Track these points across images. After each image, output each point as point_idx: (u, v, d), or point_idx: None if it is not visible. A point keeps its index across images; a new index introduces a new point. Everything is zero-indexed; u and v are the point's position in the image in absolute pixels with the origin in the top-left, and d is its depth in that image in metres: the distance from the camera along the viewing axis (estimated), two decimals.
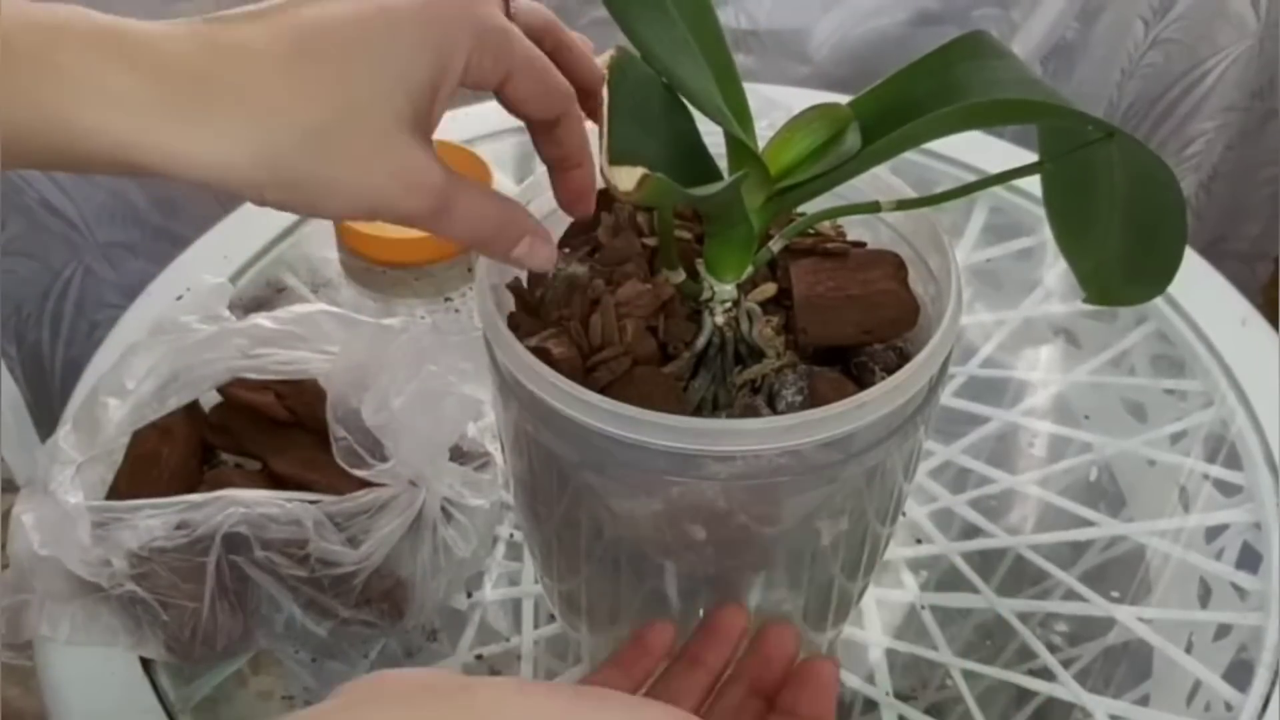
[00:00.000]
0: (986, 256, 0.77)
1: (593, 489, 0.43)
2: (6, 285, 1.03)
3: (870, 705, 0.54)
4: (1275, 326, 0.70)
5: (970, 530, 0.62)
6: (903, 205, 0.44)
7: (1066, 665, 0.55)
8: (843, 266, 0.44)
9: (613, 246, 0.46)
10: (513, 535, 0.60)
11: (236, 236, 0.75)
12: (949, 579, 0.60)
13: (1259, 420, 0.64)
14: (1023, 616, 0.57)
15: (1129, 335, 0.71)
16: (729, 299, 0.43)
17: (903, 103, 0.40)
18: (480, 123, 0.80)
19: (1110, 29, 1.07)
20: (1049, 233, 0.44)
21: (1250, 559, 0.59)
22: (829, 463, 0.40)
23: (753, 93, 0.42)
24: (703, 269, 0.43)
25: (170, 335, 0.58)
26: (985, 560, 0.61)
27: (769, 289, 0.45)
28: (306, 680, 0.54)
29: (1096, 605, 0.58)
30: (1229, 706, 0.53)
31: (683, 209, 0.47)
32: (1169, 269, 0.42)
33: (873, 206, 0.44)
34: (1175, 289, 0.43)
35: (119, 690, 0.53)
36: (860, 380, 0.43)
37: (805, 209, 0.45)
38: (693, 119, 0.40)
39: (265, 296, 0.72)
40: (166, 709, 0.52)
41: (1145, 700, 0.55)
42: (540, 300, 0.45)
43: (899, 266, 0.45)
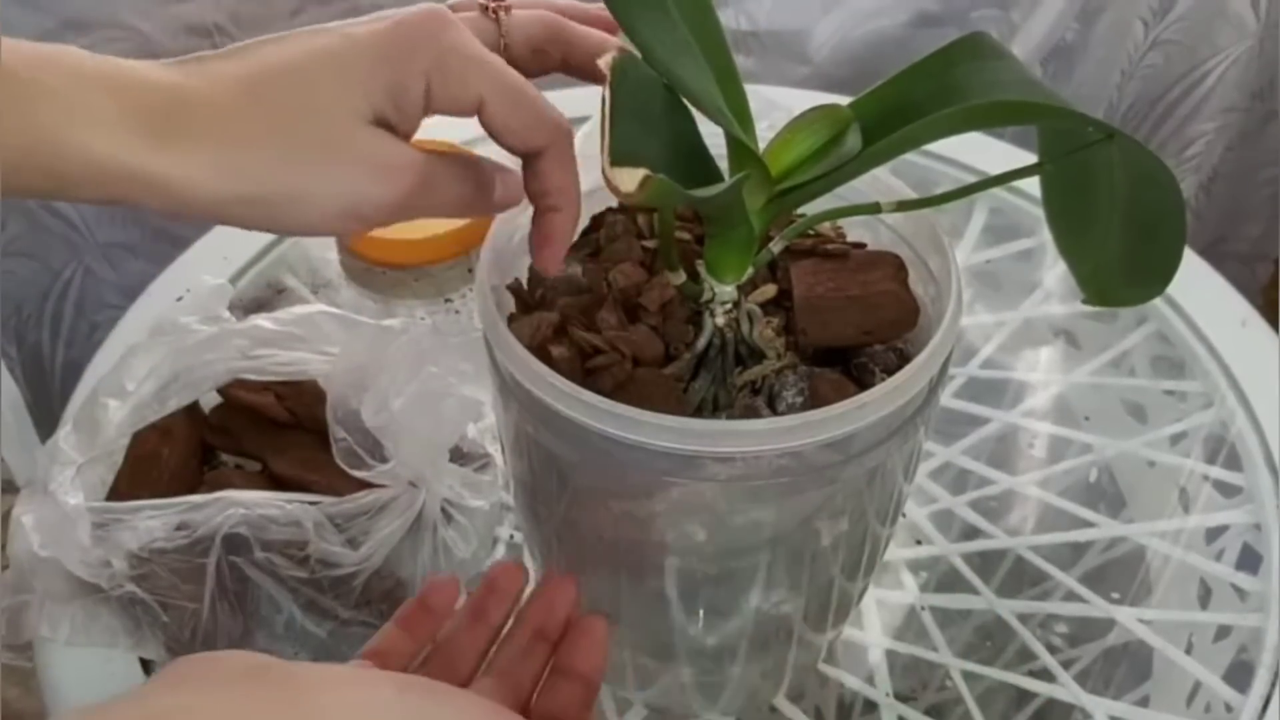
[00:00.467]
0: (986, 258, 0.77)
1: (593, 490, 0.43)
2: (6, 286, 1.03)
3: (870, 706, 0.54)
4: (1275, 328, 0.70)
5: (970, 531, 0.62)
6: (903, 206, 0.44)
7: (1066, 666, 0.55)
8: (843, 268, 0.44)
9: (612, 249, 0.46)
10: (513, 536, 0.60)
11: (236, 237, 0.75)
12: (949, 580, 0.60)
13: (1259, 421, 0.64)
14: (1023, 617, 0.57)
15: (1129, 336, 0.71)
16: (729, 300, 0.43)
17: (903, 104, 0.41)
18: (476, 124, 0.80)
19: (1110, 30, 1.07)
20: (1049, 234, 0.44)
21: (1250, 560, 0.59)
22: (829, 464, 0.40)
23: (753, 94, 0.42)
24: (703, 270, 0.43)
25: (170, 336, 0.58)
26: (985, 561, 0.61)
27: (769, 290, 0.45)
28: None
29: (1096, 606, 0.58)
30: (1229, 708, 0.53)
31: (683, 210, 0.47)
32: (1168, 270, 0.42)
33: (873, 208, 0.44)
34: (1175, 290, 0.44)
35: (119, 691, 0.53)
36: (860, 381, 0.43)
37: (806, 210, 0.45)
38: (694, 120, 0.40)
39: (265, 297, 0.72)
40: None
41: (1145, 701, 0.55)
42: (540, 301, 0.45)
43: (899, 268, 0.45)
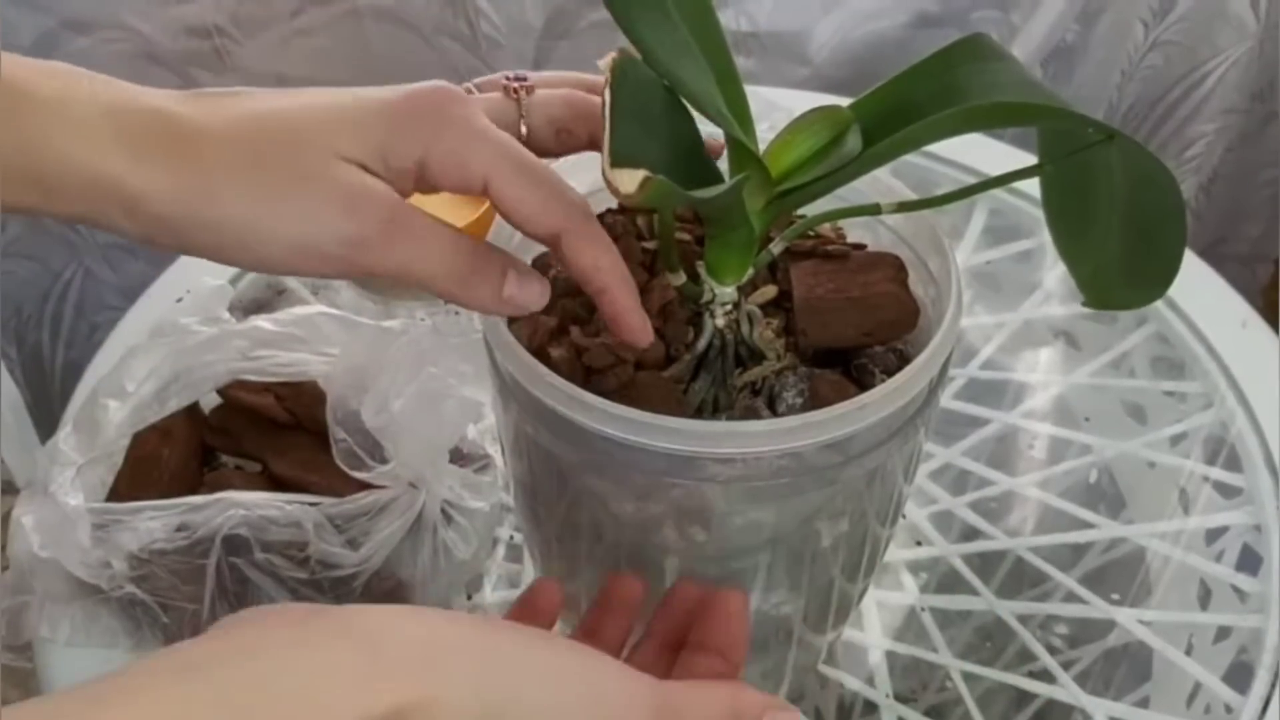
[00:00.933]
0: (986, 259, 0.77)
1: (593, 491, 0.43)
2: (7, 287, 1.03)
3: (870, 707, 0.54)
4: (1275, 329, 0.70)
5: (970, 532, 0.62)
6: (903, 207, 0.44)
7: (1066, 667, 0.55)
8: (843, 269, 0.44)
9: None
10: (513, 537, 0.60)
11: None
12: (949, 581, 0.60)
13: (1259, 422, 0.64)
14: (1023, 618, 0.57)
15: (1129, 337, 0.71)
16: (729, 301, 0.43)
17: (903, 105, 0.41)
18: None
19: (1110, 31, 1.07)
20: (1049, 235, 0.44)
21: (1250, 561, 0.59)
22: (829, 465, 0.41)
23: (753, 95, 0.42)
24: (703, 271, 0.43)
25: (170, 337, 0.58)
26: (985, 562, 0.61)
27: (769, 291, 0.45)
28: None
29: (1096, 607, 0.58)
30: (1229, 708, 0.53)
31: (683, 211, 0.47)
32: (1168, 272, 0.42)
33: (873, 209, 0.44)
34: (1175, 291, 0.43)
35: None
36: (860, 382, 0.43)
37: (806, 211, 0.45)
38: (694, 121, 0.40)
39: (265, 298, 0.72)
40: None
41: (1145, 702, 0.55)
42: None
43: (899, 269, 0.45)
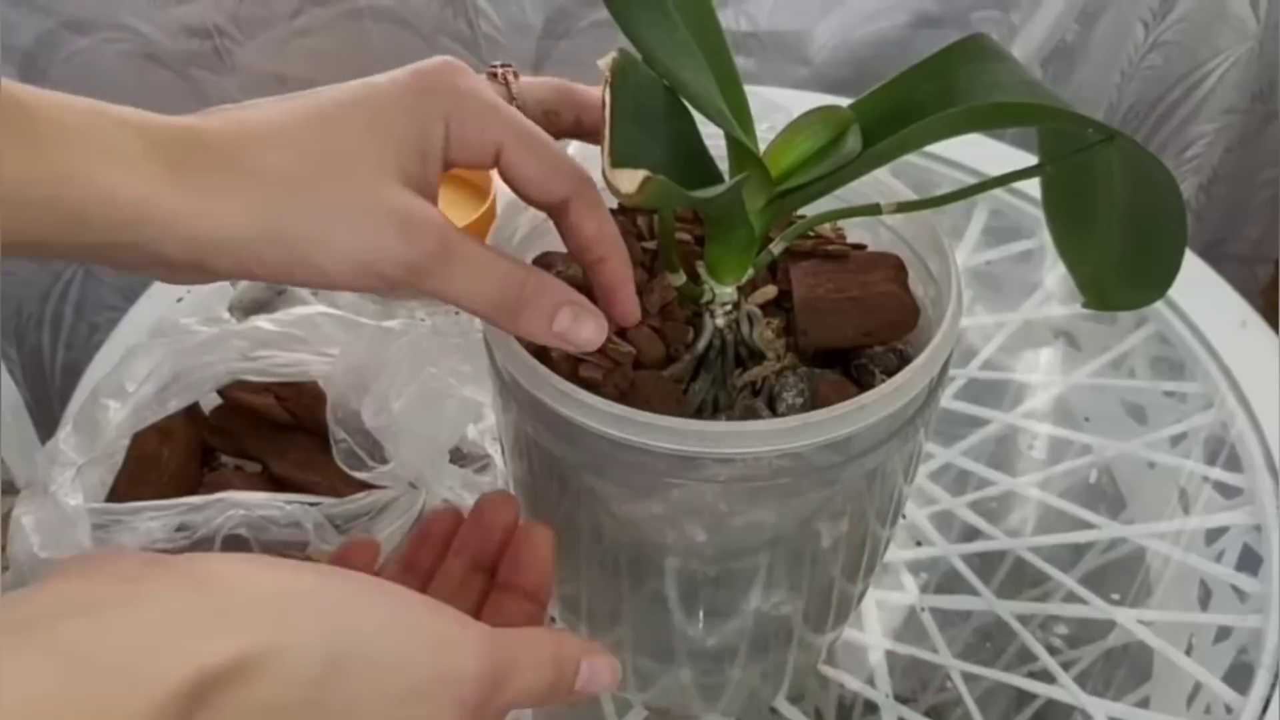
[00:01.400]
0: (986, 259, 0.77)
1: (593, 491, 0.43)
2: (7, 287, 1.03)
3: (871, 707, 0.54)
4: (1275, 329, 0.70)
5: (970, 532, 0.62)
6: (903, 208, 0.44)
7: (1066, 667, 0.55)
8: (843, 269, 0.44)
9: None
10: None
11: None
12: (949, 581, 0.60)
13: (1259, 422, 0.64)
14: (1023, 619, 0.57)
15: (1129, 337, 0.71)
16: (729, 301, 0.43)
17: (903, 105, 0.40)
18: None
19: (1110, 31, 1.07)
20: (1049, 236, 0.44)
21: (1250, 561, 0.59)
22: (829, 465, 0.40)
23: (753, 95, 0.42)
24: (703, 271, 0.43)
25: (170, 337, 0.58)
26: (985, 562, 0.61)
27: (769, 291, 0.45)
28: None
29: (1096, 607, 0.58)
30: (1229, 709, 0.53)
31: (683, 211, 0.47)
32: (1169, 273, 0.42)
33: (873, 209, 0.44)
34: (1175, 291, 0.43)
35: None
36: (860, 382, 0.43)
37: (806, 211, 0.45)
38: (694, 121, 0.40)
39: (265, 298, 0.72)
40: None
41: (1145, 702, 0.55)
42: None
43: (899, 269, 0.45)
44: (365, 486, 0.53)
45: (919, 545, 0.61)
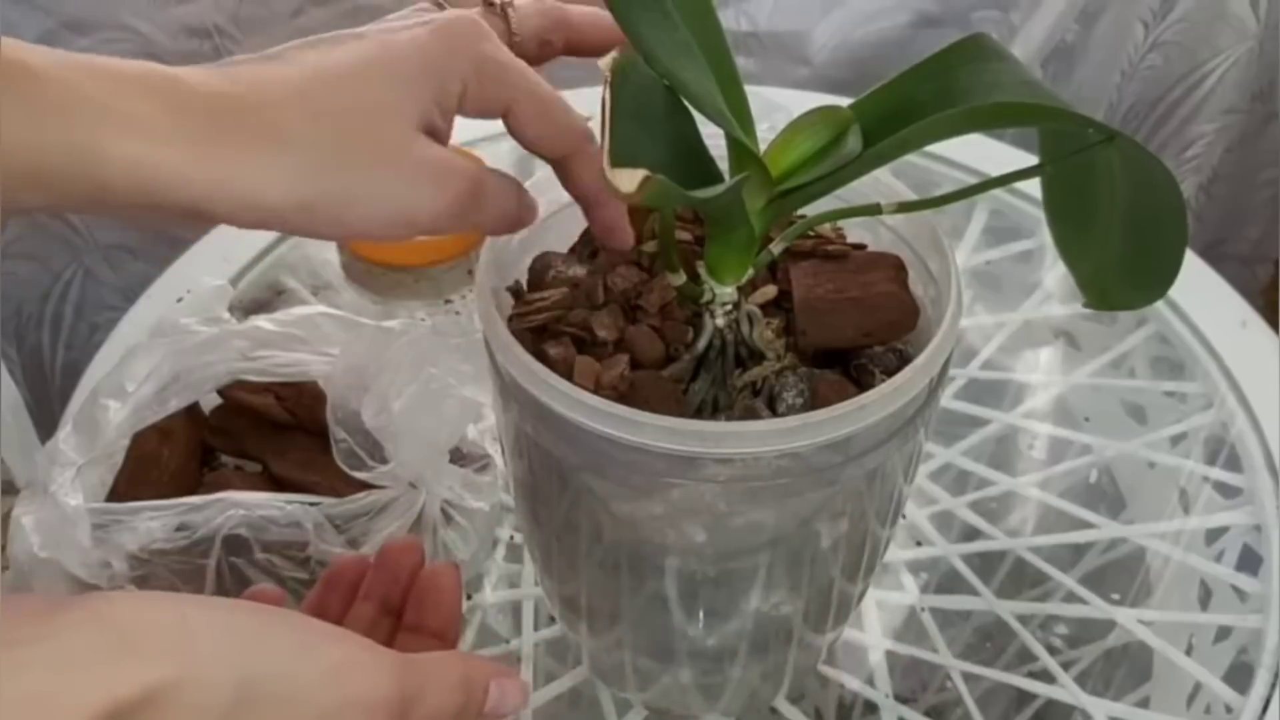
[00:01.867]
0: (986, 259, 0.77)
1: (593, 491, 0.43)
2: (7, 287, 1.03)
3: (871, 707, 0.54)
4: (1275, 329, 0.70)
5: (970, 532, 0.62)
6: (903, 208, 0.44)
7: (1066, 667, 0.55)
8: (843, 269, 0.44)
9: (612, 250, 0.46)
10: (513, 537, 0.60)
11: (237, 239, 0.75)
12: (949, 581, 0.60)
13: (1259, 422, 0.64)
14: (1023, 619, 0.57)
15: (1129, 337, 0.71)
16: (729, 301, 0.43)
17: (904, 105, 0.40)
18: (480, 125, 0.80)
19: (1110, 31, 1.07)
20: (1049, 235, 0.44)
21: (1250, 561, 0.59)
22: (829, 465, 0.40)
23: (754, 95, 0.42)
24: (703, 271, 0.43)
25: (170, 337, 0.58)
26: (985, 562, 0.61)
27: (769, 291, 0.45)
28: None
29: (1096, 607, 0.58)
30: (1229, 709, 0.53)
31: (683, 211, 0.47)
32: (1169, 273, 0.42)
33: (873, 209, 0.44)
34: (1175, 291, 0.43)
35: None
36: (860, 383, 0.43)
37: (806, 211, 0.45)
38: (694, 121, 0.40)
39: (265, 299, 0.72)
40: None
41: (1145, 702, 0.55)
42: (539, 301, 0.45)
43: (899, 269, 0.45)
44: (365, 486, 0.53)
45: (919, 545, 0.61)
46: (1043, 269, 0.77)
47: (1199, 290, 0.72)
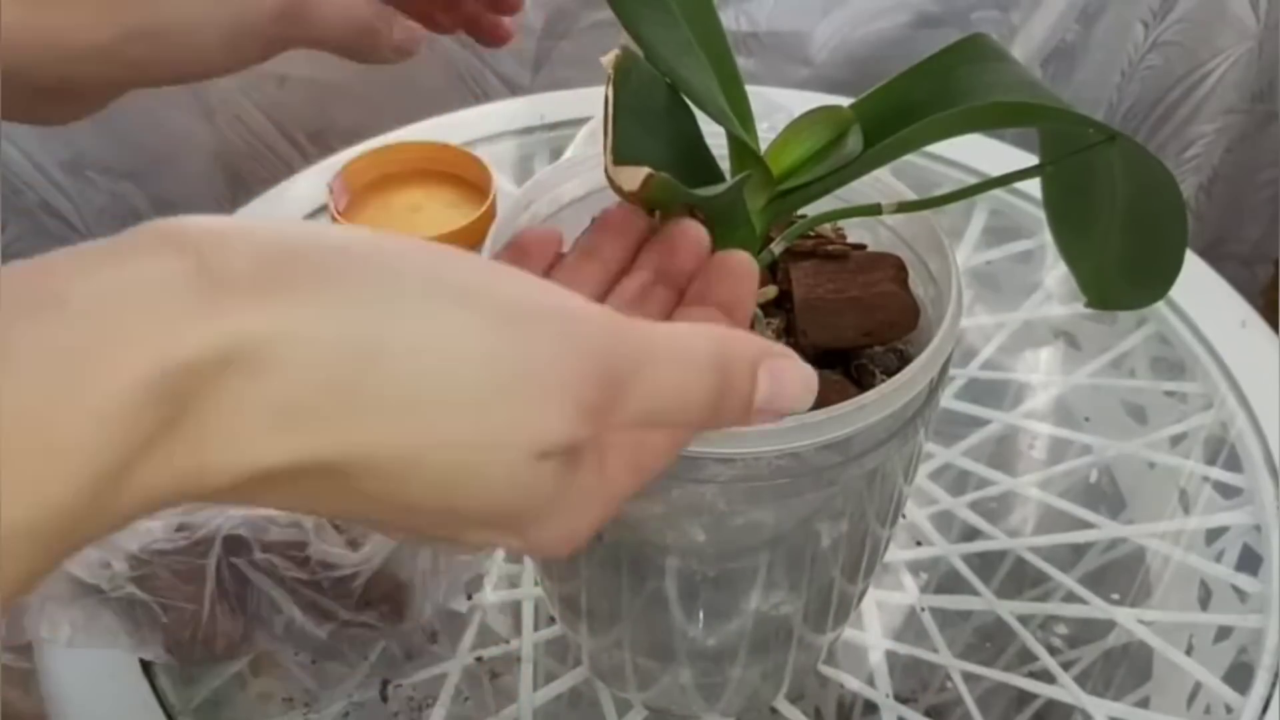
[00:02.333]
0: (986, 259, 0.77)
1: None
2: None
3: (870, 707, 0.54)
4: (1275, 329, 0.70)
5: (970, 532, 0.62)
6: (903, 207, 0.44)
7: (1066, 667, 0.55)
8: (843, 269, 0.44)
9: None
10: None
11: None
12: (949, 581, 0.60)
13: (1259, 422, 0.64)
14: (1023, 619, 0.57)
15: (1129, 338, 0.71)
16: None
17: (904, 105, 0.41)
18: (480, 125, 0.80)
19: (1110, 31, 1.07)
20: (1049, 235, 0.44)
21: (1250, 561, 0.59)
22: (829, 465, 0.40)
23: (754, 94, 0.42)
24: None
25: None
26: (985, 562, 0.61)
27: (770, 291, 0.45)
28: (306, 682, 0.54)
29: (1096, 607, 0.58)
30: (1229, 709, 0.53)
31: (684, 210, 0.47)
32: (1169, 274, 0.42)
33: (873, 209, 0.44)
34: (1175, 291, 0.43)
35: (119, 692, 0.53)
36: (861, 383, 0.43)
37: (806, 211, 0.45)
38: (695, 120, 0.40)
39: None
40: (166, 711, 0.52)
41: (1145, 702, 0.55)
42: None
43: (899, 269, 0.45)
44: None
45: (919, 545, 0.61)
46: (1043, 269, 0.77)
47: (1199, 290, 0.72)
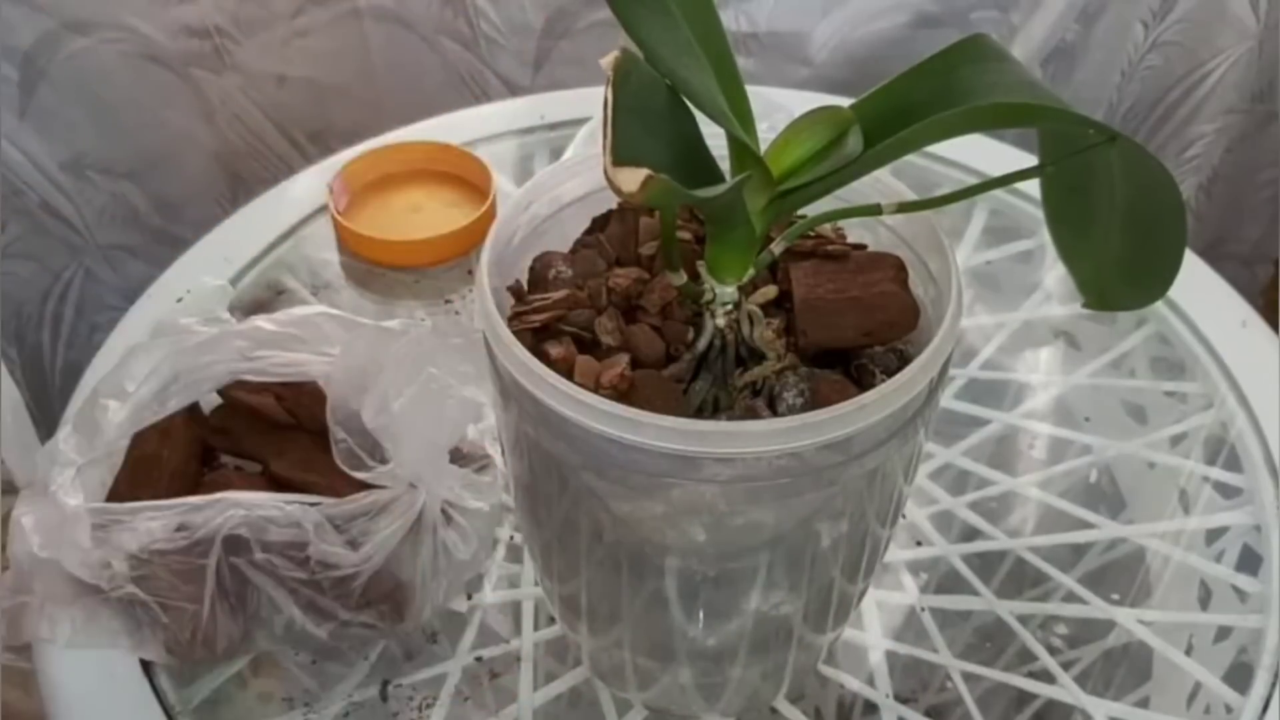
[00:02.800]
0: (986, 259, 0.77)
1: (593, 491, 0.43)
2: (7, 287, 1.03)
3: (870, 708, 0.54)
4: (1275, 329, 0.70)
5: (970, 532, 0.62)
6: (904, 208, 0.44)
7: (1066, 667, 0.55)
8: (843, 269, 0.44)
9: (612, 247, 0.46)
10: (513, 538, 0.60)
11: (237, 239, 0.75)
12: (949, 581, 0.60)
13: (1259, 422, 0.64)
14: (1023, 619, 0.57)
15: (1129, 338, 0.71)
16: (730, 301, 0.43)
17: (904, 106, 0.41)
18: (480, 125, 0.80)
19: (1110, 31, 1.07)
20: (1049, 235, 0.44)
21: (1250, 561, 0.59)
22: (829, 465, 0.40)
23: (754, 95, 0.42)
24: (704, 271, 0.43)
25: (170, 337, 0.58)
26: (985, 562, 0.61)
27: (770, 291, 0.45)
28: (306, 682, 0.54)
29: (1096, 607, 0.58)
30: (1229, 709, 0.53)
31: (682, 210, 0.47)
32: (1169, 274, 0.42)
33: (874, 209, 0.44)
34: (1175, 291, 0.44)
35: (119, 692, 0.53)
36: (861, 383, 0.43)
37: (806, 211, 0.45)
38: (695, 121, 0.40)
39: (265, 299, 0.72)
40: (166, 711, 0.52)
41: (1145, 702, 0.55)
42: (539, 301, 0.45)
43: (899, 269, 0.45)
44: (365, 486, 0.53)
45: (919, 545, 0.61)
46: (1043, 269, 0.77)
47: (1199, 290, 0.72)
